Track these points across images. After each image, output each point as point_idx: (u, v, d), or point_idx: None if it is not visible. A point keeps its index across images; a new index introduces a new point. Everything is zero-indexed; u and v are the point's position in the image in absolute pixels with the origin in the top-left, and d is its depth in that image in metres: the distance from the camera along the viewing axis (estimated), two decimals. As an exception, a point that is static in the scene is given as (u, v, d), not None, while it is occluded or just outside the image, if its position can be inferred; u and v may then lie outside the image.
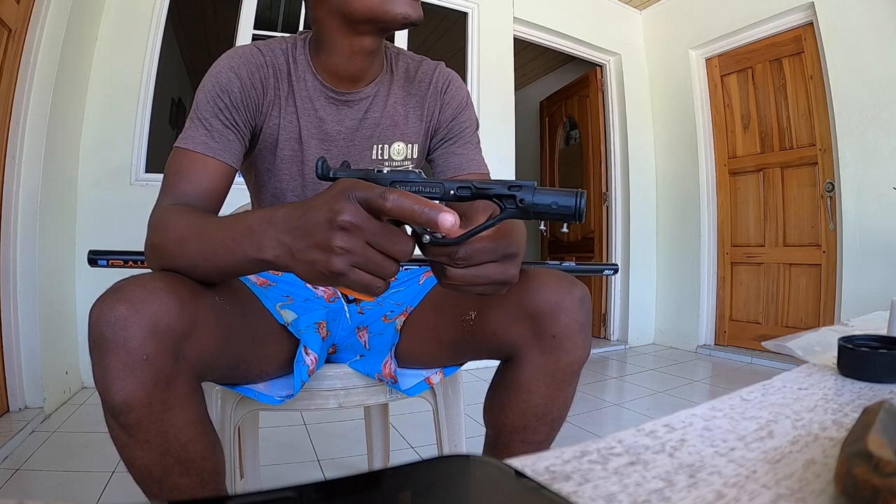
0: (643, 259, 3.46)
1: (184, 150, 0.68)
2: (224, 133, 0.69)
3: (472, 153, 0.83)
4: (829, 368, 0.51)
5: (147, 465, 0.50)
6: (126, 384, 0.46)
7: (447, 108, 0.83)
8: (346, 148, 0.78)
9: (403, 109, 0.81)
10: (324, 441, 1.64)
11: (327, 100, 0.76)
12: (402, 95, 0.81)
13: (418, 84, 0.82)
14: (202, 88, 0.71)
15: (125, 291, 0.48)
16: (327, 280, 0.44)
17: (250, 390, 0.68)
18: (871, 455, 0.24)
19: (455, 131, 0.83)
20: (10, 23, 1.62)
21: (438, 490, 0.24)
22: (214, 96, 0.69)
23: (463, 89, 0.85)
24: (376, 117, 0.79)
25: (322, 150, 0.77)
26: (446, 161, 0.83)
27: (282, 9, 2.98)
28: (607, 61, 3.52)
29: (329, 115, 0.76)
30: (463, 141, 0.83)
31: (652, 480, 0.27)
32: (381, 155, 0.80)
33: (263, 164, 0.78)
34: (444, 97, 0.83)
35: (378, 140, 0.79)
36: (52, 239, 1.87)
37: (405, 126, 0.81)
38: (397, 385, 0.73)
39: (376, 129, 0.79)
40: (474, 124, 0.86)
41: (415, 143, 0.82)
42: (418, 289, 0.79)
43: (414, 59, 0.84)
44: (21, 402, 1.69)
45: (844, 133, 2.53)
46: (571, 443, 0.33)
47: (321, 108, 0.76)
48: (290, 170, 0.77)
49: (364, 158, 0.79)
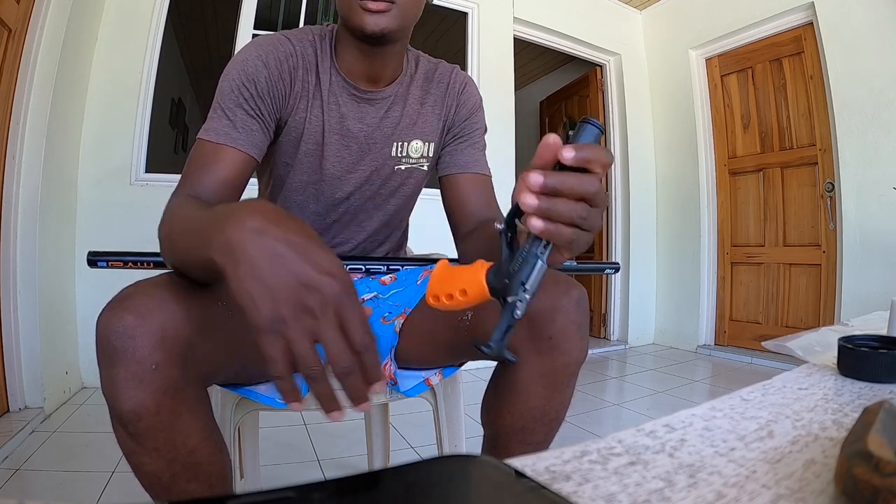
0: (643, 259, 3.46)
1: (205, 142, 0.67)
2: (247, 123, 0.68)
3: (478, 154, 0.85)
4: (829, 368, 0.51)
5: (155, 471, 0.50)
6: (135, 393, 0.46)
7: (462, 108, 0.85)
8: (365, 145, 0.79)
9: (422, 108, 0.82)
10: (324, 441, 1.64)
11: (349, 96, 0.76)
12: (421, 95, 0.82)
13: (437, 84, 0.84)
14: (227, 76, 0.69)
15: (132, 300, 0.48)
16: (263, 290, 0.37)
17: (252, 392, 0.68)
18: (871, 455, 0.24)
19: (467, 131, 0.85)
20: (10, 23, 1.62)
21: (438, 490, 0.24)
22: (239, 85, 0.68)
23: (478, 93, 0.88)
24: (396, 116, 0.80)
25: (342, 147, 0.77)
26: (453, 158, 0.84)
27: (282, 9, 2.98)
28: (607, 61, 3.52)
29: (351, 111, 0.77)
30: (472, 141, 0.85)
31: (652, 480, 0.27)
32: (400, 152, 0.81)
33: (283, 157, 0.77)
34: (461, 97, 0.85)
35: (398, 138, 0.81)
36: (52, 239, 1.87)
37: (423, 125, 0.82)
38: (397, 387, 0.73)
39: (396, 127, 0.80)
40: (483, 128, 0.88)
41: (432, 141, 0.84)
42: (416, 289, 0.79)
43: (431, 61, 0.86)
44: (21, 402, 1.69)
45: (844, 133, 2.53)
46: (571, 443, 0.33)
47: (344, 104, 0.76)
48: (310, 164, 0.77)
49: (383, 155, 0.80)
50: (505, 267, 0.44)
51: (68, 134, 2.02)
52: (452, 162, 0.84)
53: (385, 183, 0.83)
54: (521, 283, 0.43)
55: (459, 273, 0.47)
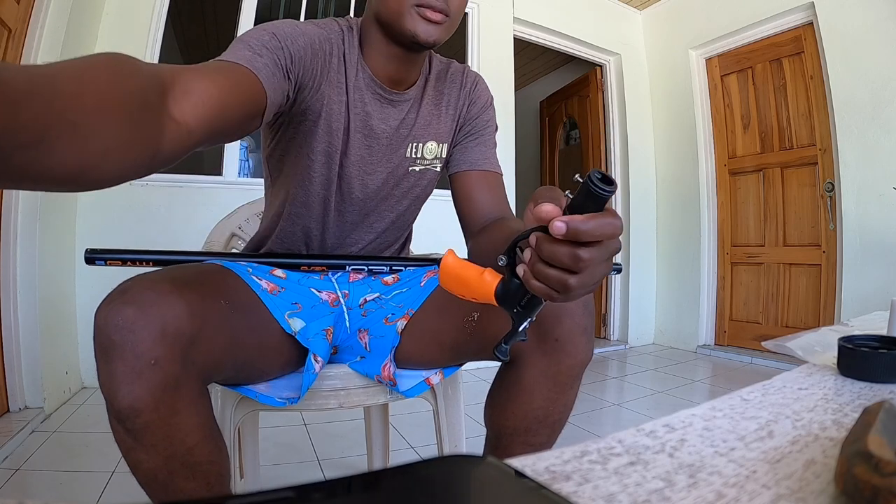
0: (643, 259, 3.46)
1: (217, 61, 0.55)
2: (272, 66, 0.58)
3: (489, 152, 0.85)
4: (829, 368, 0.51)
5: (153, 469, 0.50)
6: (133, 388, 0.46)
7: (474, 105, 0.85)
8: (385, 146, 0.78)
9: (436, 110, 0.82)
10: (324, 441, 1.64)
11: (374, 95, 0.75)
12: (435, 95, 0.82)
13: (450, 83, 0.83)
14: (252, 31, 0.60)
15: (133, 293, 0.48)
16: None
17: (251, 391, 0.68)
18: (871, 455, 0.24)
19: (478, 127, 0.85)
20: (10, 23, 1.62)
21: (438, 490, 0.24)
22: (270, 36, 0.60)
23: (488, 91, 0.87)
24: (413, 117, 0.79)
25: (364, 147, 0.76)
26: (463, 154, 0.84)
27: (282, 9, 2.98)
28: (607, 61, 3.52)
29: (375, 111, 0.76)
30: (483, 139, 0.85)
31: (652, 480, 0.27)
32: (415, 154, 0.81)
33: (301, 147, 0.73)
34: (472, 95, 0.85)
35: (413, 139, 0.80)
36: (52, 239, 1.87)
37: (438, 126, 0.82)
38: (396, 387, 0.73)
39: (413, 128, 0.80)
40: (494, 125, 0.87)
41: (445, 142, 0.83)
42: (419, 291, 0.79)
43: (442, 61, 0.85)
44: (21, 402, 1.69)
45: (844, 133, 2.53)
46: (571, 443, 0.33)
47: (369, 102, 0.75)
48: (330, 162, 0.74)
49: (398, 155, 0.80)
50: (512, 294, 0.47)
51: (68, 134, 2.02)
52: (463, 159, 0.83)
53: (398, 184, 0.82)
54: (529, 318, 0.48)
55: (470, 274, 0.49)
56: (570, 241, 0.40)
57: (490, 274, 0.49)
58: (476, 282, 0.48)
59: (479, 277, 0.48)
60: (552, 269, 0.41)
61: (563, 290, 0.42)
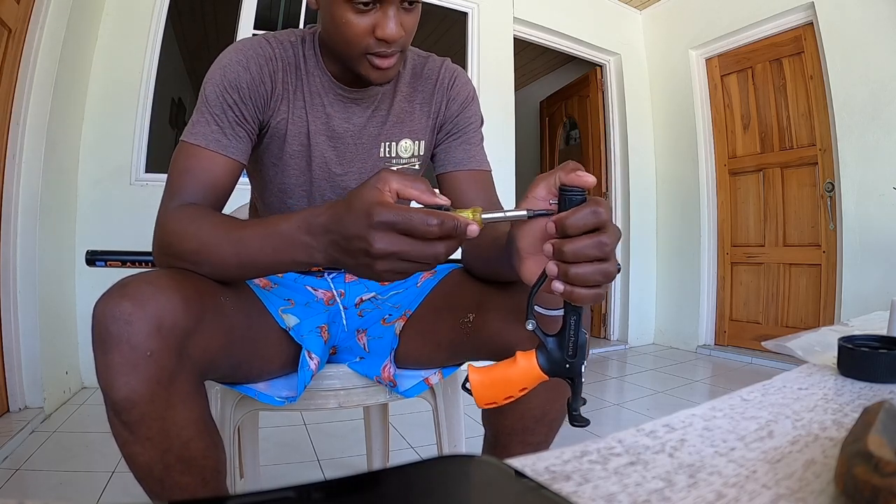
0: (643, 259, 3.46)
1: (193, 146, 0.66)
2: (234, 129, 0.68)
3: (474, 149, 0.82)
4: (829, 368, 0.51)
5: (148, 462, 0.50)
6: (129, 380, 0.46)
7: (453, 102, 0.82)
8: (353, 146, 0.77)
9: (410, 106, 0.80)
10: (324, 441, 1.64)
11: (335, 97, 0.75)
12: (409, 92, 0.80)
13: (425, 80, 0.81)
14: (210, 80, 0.69)
15: (131, 288, 0.48)
16: (377, 278, 0.47)
17: (250, 389, 0.68)
18: (871, 455, 0.24)
19: (461, 126, 0.82)
20: (10, 23, 1.62)
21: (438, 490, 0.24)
22: (223, 90, 0.68)
23: (469, 84, 0.84)
24: (383, 115, 0.78)
25: (330, 148, 0.76)
26: (447, 156, 0.81)
27: (282, 9, 2.98)
28: (607, 61, 3.52)
29: (337, 112, 0.75)
30: (468, 136, 0.82)
31: (652, 480, 0.27)
32: (389, 153, 0.79)
33: (270, 158, 0.77)
34: (451, 92, 0.82)
35: (386, 138, 0.79)
36: (52, 239, 1.87)
37: (412, 123, 0.80)
38: (396, 387, 0.73)
39: (384, 126, 0.78)
40: (479, 120, 0.85)
41: (422, 139, 0.81)
42: (416, 291, 0.79)
43: (420, 55, 0.83)
44: (21, 402, 1.69)
45: (844, 133, 2.53)
46: (571, 443, 0.33)
47: (329, 104, 0.75)
48: (298, 165, 0.76)
49: (372, 156, 0.79)
50: (555, 353, 0.46)
51: (68, 134, 2.02)
52: (448, 160, 0.81)
53: None
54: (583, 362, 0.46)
55: (505, 372, 0.46)
56: (587, 232, 0.43)
57: (521, 357, 0.45)
58: (517, 375, 0.45)
59: (515, 368, 0.45)
60: (584, 267, 0.43)
61: (606, 279, 0.44)
